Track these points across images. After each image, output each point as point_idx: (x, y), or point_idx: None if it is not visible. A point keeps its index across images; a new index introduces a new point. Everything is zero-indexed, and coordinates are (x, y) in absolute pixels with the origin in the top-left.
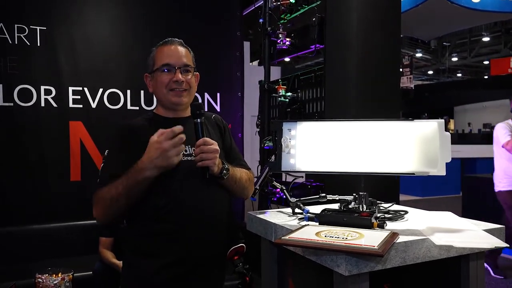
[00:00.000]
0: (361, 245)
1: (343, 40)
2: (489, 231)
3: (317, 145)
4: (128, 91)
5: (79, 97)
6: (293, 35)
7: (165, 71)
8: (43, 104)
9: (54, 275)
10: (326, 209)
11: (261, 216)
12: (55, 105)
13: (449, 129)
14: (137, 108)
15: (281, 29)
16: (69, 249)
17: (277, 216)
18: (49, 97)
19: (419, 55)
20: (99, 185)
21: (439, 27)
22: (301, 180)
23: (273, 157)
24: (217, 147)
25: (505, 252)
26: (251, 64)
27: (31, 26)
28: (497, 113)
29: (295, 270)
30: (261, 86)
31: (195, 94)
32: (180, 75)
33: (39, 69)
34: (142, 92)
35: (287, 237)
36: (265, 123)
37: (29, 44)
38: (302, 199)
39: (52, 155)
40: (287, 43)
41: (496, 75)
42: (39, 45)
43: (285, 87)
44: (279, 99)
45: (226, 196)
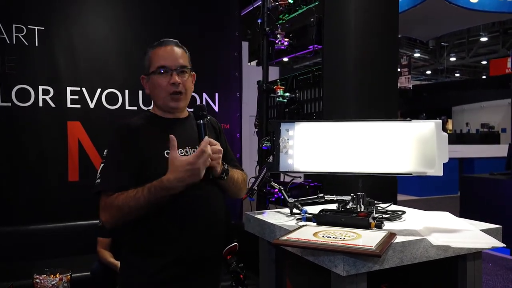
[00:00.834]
0: (359, 245)
1: (341, 40)
2: (486, 231)
3: (315, 146)
4: (126, 91)
5: (77, 97)
6: (291, 35)
7: (162, 73)
8: (41, 104)
9: (52, 276)
10: (324, 209)
11: (259, 216)
12: (53, 105)
13: (447, 129)
14: (135, 108)
15: (279, 30)
16: (67, 249)
17: (275, 216)
18: (47, 97)
19: (417, 55)
20: (105, 188)
21: (437, 27)
22: (299, 180)
23: (271, 157)
24: (221, 148)
25: (505, 252)
26: (249, 64)
27: (29, 26)
28: (495, 113)
29: (293, 270)
30: (259, 86)
31: (194, 94)
32: (176, 77)
33: (37, 69)
34: (140, 92)
35: (285, 238)
36: (263, 124)
37: (27, 44)
38: (300, 199)
39: (50, 155)
40: (285, 43)
41: (494, 75)
42: (37, 45)
43: (283, 87)
44: (277, 99)
45: (223, 196)
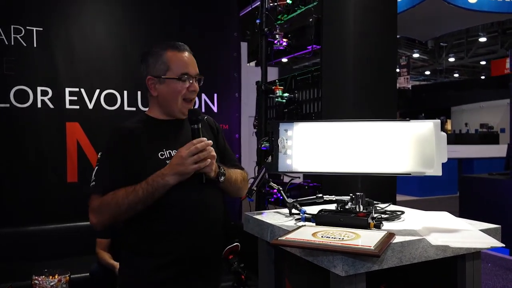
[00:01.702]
0: (358, 245)
1: (340, 40)
2: (485, 231)
3: (314, 146)
4: (125, 92)
5: (75, 98)
6: (290, 35)
7: (183, 80)
8: (39, 105)
9: (51, 277)
10: (323, 209)
11: (258, 217)
12: (51, 106)
13: (446, 130)
14: (134, 109)
15: (278, 30)
16: (66, 250)
17: (274, 216)
18: (45, 98)
19: (416, 55)
20: (99, 190)
21: (436, 28)
22: (298, 180)
23: (270, 157)
24: (214, 153)
25: (504, 252)
26: (248, 64)
27: (27, 27)
28: (494, 113)
29: (291, 270)
30: (258, 86)
31: None
32: (196, 84)
33: (35, 70)
34: (139, 93)
35: (284, 238)
36: (262, 124)
37: (25, 45)
38: (299, 199)
39: (49, 156)
40: (284, 43)
41: (495, 75)
42: (35, 46)
43: (282, 87)
44: (276, 99)
45: (222, 196)
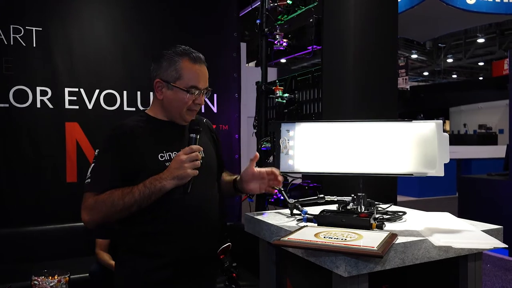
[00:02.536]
0: (360, 246)
1: (340, 41)
2: (487, 232)
3: (316, 146)
4: (124, 92)
5: (75, 98)
6: (290, 36)
7: (191, 93)
8: (39, 105)
9: (50, 277)
10: (324, 210)
11: (260, 217)
12: (51, 106)
13: (444, 130)
14: (134, 109)
15: (278, 30)
16: (66, 250)
17: (275, 217)
18: (45, 98)
19: (414, 56)
20: (95, 188)
21: (434, 29)
22: (298, 181)
23: (271, 158)
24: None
25: (503, 252)
26: (247, 65)
27: (26, 27)
28: (493, 114)
29: (293, 270)
30: (258, 87)
31: None
32: (203, 98)
33: (34, 70)
34: (138, 93)
35: (286, 238)
36: (262, 124)
37: (24, 45)
38: (300, 200)
39: (48, 156)
40: (284, 44)
41: (494, 76)
42: (35, 46)
43: (282, 88)
44: (277, 100)
45: (218, 197)
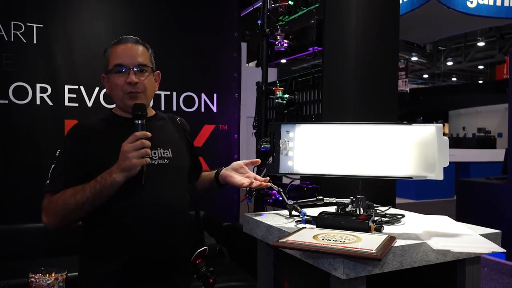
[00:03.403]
0: (359, 248)
1: (341, 42)
2: (485, 236)
3: (316, 148)
4: None
5: (75, 96)
6: (291, 36)
7: (119, 71)
8: (38, 102)
9: (47, 275)
10: (323, 212)
11: (258, 218)
12: (50, 103)
13: (443, 133)
14: None
15: (279, 31)
16: (63, 248)
17: (274, 218)
18: (44, 95)
19: (414, 58)
20: (51, 189)
21: (435, 31)
22: (296, 182)
23: (271, 159)
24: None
25: (500, 256)
26: (247, 65)
27: (27, 23)
28: (492, 118)
29: (291, 272)
30: (258, 87)
31: (192, 94)
32: (133, 76)
33: (35, 67)
34: None
35: (285, 240)
36: (262, 125)
37: (25, 41)
38: (299, 201)
39: (47, 154)
40: (285, 44)
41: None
42: (35, 42)
43: (282, 88)
44: (277, 100)
45: (186, 197)
